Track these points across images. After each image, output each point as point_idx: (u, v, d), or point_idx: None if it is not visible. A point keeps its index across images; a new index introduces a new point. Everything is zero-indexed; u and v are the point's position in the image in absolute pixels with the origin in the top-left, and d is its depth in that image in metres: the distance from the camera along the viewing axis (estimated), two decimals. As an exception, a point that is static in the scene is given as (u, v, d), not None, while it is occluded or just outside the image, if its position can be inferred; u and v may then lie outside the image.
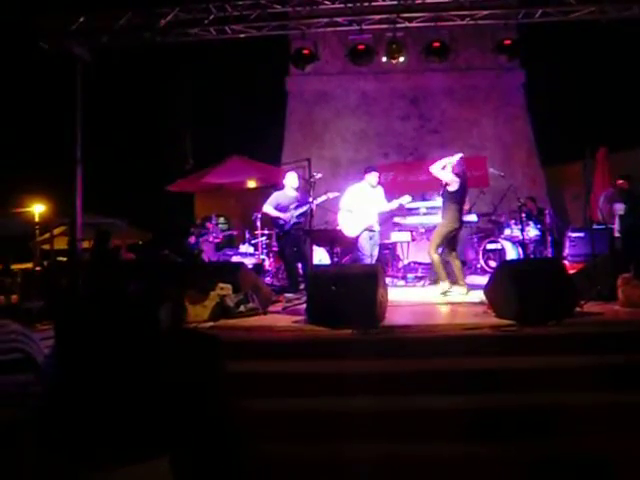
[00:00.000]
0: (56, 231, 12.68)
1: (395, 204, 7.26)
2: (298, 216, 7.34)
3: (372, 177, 7.27)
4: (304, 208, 7.20)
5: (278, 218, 7.41)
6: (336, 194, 7.62)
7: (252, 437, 3.28)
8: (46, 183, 11.78)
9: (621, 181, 9.00)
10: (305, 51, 7.87)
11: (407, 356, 4.33)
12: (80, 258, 8.16)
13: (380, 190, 7.33)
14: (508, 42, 7.93)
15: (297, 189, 7.56)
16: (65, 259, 9.84)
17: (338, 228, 7.36)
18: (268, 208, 7.51)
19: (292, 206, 7.38)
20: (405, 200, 7.31)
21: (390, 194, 7.46)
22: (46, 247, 13.28)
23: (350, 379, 4.07)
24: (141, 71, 11.34)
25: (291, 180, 7.54)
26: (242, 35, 7.98)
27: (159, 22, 7.49)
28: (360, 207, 7.15)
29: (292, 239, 7.37)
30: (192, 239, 9.89)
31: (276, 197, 7.57)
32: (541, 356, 4.21)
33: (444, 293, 6.66)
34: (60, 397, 2.55)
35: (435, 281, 8.02)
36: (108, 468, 2.20)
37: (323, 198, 7.42)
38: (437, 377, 4.01)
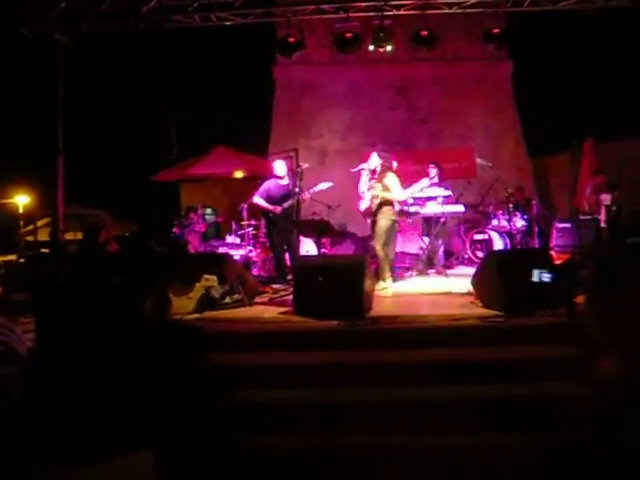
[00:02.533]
0: (40, 222, 12.52)
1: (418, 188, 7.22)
2: (287, 207, 7.28)
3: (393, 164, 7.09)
4: (292, 200, 7.13)
5: (267, 210, 7.35)
6: (329, 184, 7.52)
7: (237, 429, 3.24)
8: (30, 174, 11.62)
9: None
10: (291, 39, 7.76)
11: (394, 347, 4.31)
12: (63, 249, 8.04)
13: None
14: (496, 31, 7.89)
15: (286, 176, 7.48)
16: (48, 251, 9.71)
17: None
18: (258, 199, 7.44)
19: (283, 196, 7.31)
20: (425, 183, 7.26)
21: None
22: (30, 239, 13.10)
23: (336, 370, 4.04)
24: (125, 60, 11.17)
25: (278, 169, 7.47)
26: (227, 22, 7.86)
27: (142, 8, 7.34)
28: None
29: (281, 230, 7.32)
30: (176, 230, 9.79)
31: (266, 187, 7.48)
32: (528, 346, 4.21)
33: (382, 289, 6.38)
34: (42, 390, 2.50)
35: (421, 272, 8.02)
36: (91, 461, 2.16)
37: (317, 189, 7.36)
38: (423, 368, 3.99)
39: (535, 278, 4.73)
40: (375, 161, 6.77)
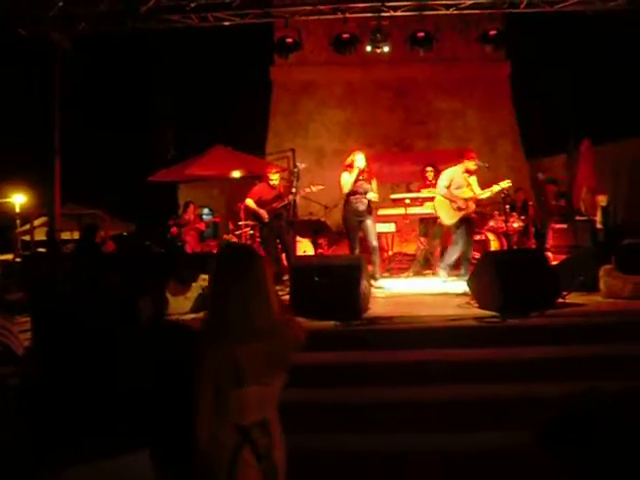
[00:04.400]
0: (36, 222, 12.48)
1: (495, 188, 6.91)
2: (277, 207, 7.30)
3: (470, 163, 6.95)
4: (285, 202, 7.15)
5: (257, 212, 7.39)
6: (320, 187, 7.57)
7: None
8: (27, 173, 11.60)
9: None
10: (288, 39, 7.78)
11: (389, 348, 4.32)
12: (59, 249, 8.03)
13: (474, 177, 7.08)
14: (493, 32, 7.92)
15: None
16: (45, 250, 9.70)
17: (437, 215, 7.12)
18: (249, 202, 7.49)
19: (273, 198, 7.33)
20: (505, 184, 6.94)
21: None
22: (26, 238, 13.07)
23: (332, 371, 4.04)
24: (122, 60, 11.16)
25: (274, 179, 7.47)
26: (225, 23, 7.87)
27: (139, 8, 7.33)
28: (457, 193, 6.91)
29: (273, 230, 7.34)
30: (174, 231, 9.78)
31: (258, 190, 7.53)
32: (523, 347, 4.22)
33: (380, 288, 6.64)
34: (39, 390, 2.50)
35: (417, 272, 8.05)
36: (87, 460, 2.17)
37: (307, 190, 7.39)
38: (420, 368, 4.00)
39: None
40: (364, 162, 6.78)
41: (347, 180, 6.79)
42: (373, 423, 3.57)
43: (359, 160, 6.80)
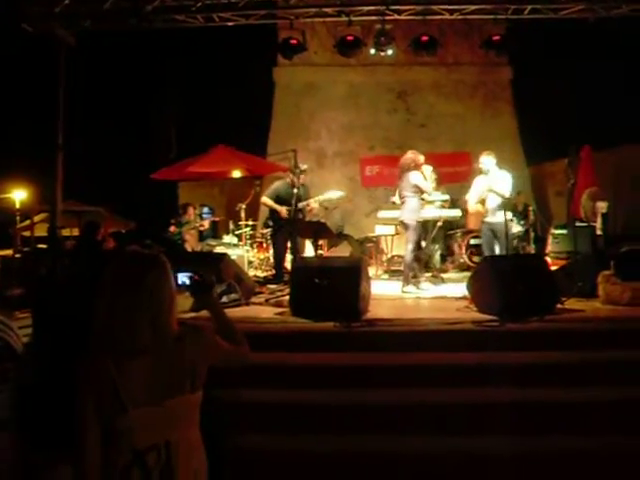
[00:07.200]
0: (37, 218, 12.49)
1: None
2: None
3: (489, 160, 7.10)
4: (309, 208, 7.26)
5: (275, 211, 7.41)
6: (340, 194, 7.59)
7: (231, 428, 3.26)
8: (27, 169, 11.61)
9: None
10: (293, 41, 7.80)
11: (388, 350, 4.34)
12: (60, 246, 8.03)
13: (503, 175, 7.08)
14: (497, 38, 7.94)
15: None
16: (45, 246, 9.70)
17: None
18: (266, 199, 7.52)
19: (291, 199, 7.35)
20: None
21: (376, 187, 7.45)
22: (27, 234, 13.07)
23: (331, 371, 4.06)
24: (126, 58, 11.19)
25: (290, 179, 7.46)
26: (230, 23, 7.88)
27: (145, 7, 7.34)
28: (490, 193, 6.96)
29: (286, 233, 7.37)
30: (173, 229, 9.80)
31: (276, 188, 7.53)
32: (522, 352, 4.24)
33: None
34: (37, 387, 2.51)
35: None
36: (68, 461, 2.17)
37: (325, 197, 7.41)
38: (418, 371, 4.02)
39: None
40: None
41: (428, 183, 6.98)
42: (370, 425, 3.59)
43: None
